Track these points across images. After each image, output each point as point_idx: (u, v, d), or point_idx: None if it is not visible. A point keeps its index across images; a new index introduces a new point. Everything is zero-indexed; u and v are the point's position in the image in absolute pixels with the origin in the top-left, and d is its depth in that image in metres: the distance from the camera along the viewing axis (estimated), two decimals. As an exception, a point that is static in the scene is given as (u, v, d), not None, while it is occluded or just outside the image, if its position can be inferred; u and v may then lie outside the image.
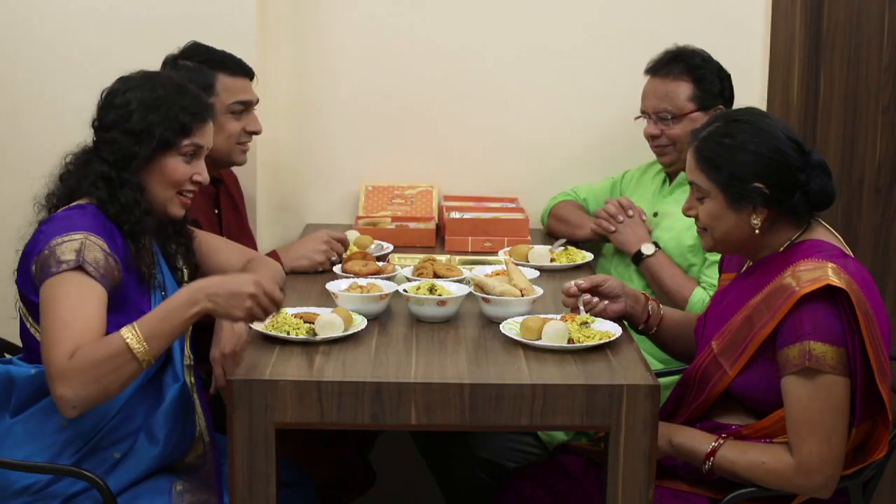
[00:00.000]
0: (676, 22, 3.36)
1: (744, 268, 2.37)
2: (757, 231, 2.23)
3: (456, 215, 3.17)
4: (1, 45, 3.17)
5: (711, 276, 2.82)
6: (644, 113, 3.06)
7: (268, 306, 2.13)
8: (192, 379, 2.34)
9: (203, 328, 2.40)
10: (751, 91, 3.38)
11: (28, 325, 2.25)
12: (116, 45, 3.12)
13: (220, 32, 2.98)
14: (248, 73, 2.87)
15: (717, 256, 2.67)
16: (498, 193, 3.44)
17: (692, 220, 2.34)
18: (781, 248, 2.26)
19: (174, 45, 2.85)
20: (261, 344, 2.21)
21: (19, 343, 2.37)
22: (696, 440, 2.21)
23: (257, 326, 2.24)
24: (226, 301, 2.11)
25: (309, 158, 3.43)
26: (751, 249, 2.31)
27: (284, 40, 3.35)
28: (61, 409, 2.06)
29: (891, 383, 2.17)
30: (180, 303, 2.11)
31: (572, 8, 3.41)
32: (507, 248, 2.94)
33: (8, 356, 2.43)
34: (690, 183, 2.30)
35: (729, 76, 3.05)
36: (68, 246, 2.14)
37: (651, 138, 3.04)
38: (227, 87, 2.80)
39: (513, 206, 3.34)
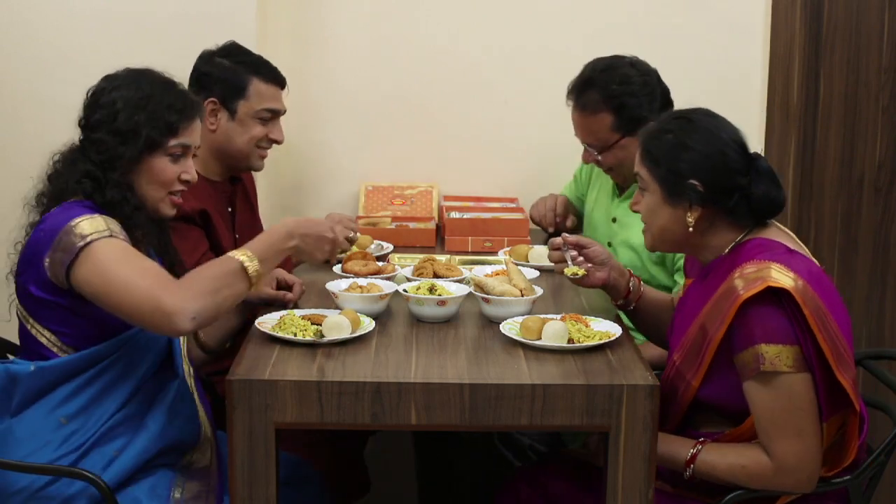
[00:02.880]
0: (676, 22, 3.37)
1: (699, 271, 2.36)
2: (691, 229, 2.23)
3: (456, 215, 3.17)
4: (1, 45, 3.17)
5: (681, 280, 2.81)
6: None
7: (343, 246, 2.37)
8: (192, 380, 2.33)
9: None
10: (751, 91, 3.38)
11: (28, 326, 2.23)
12: (117, 45, 3.12)
13: (220, 32, 2.98)
14: (281, 83, 2.90)
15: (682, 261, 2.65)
16: (498, 193, 3.45)
17: None
18: (727, 250, 2.26)
19: (174, 45, 2.85)
20: (261, 343, 2.21)
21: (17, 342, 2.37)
22: (676, 447, 2.21)
23: (264, 328, 2.23)
24: (314, 242, 2.27)
25: (309, 158, 3.43)
26: (690, 248, 2.31)
27: (284, 40, 3.35)
28: (177, 324, 2.03)
29: (854, 374, 2.16)
30: (280, 235, 2.22)
31: (572, 8, 3.41)
32: (507, 248, 2.93)
33: (10, 357, 2.41)
34: (635, 175, 2.32)
35: (655, 73, 2.88)
36: (88, 223, 2.13)
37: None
38: (259, 93, 2.83)
39: (513, 206, 3.34)
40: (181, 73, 2.55)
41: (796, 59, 3.45)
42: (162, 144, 2.25)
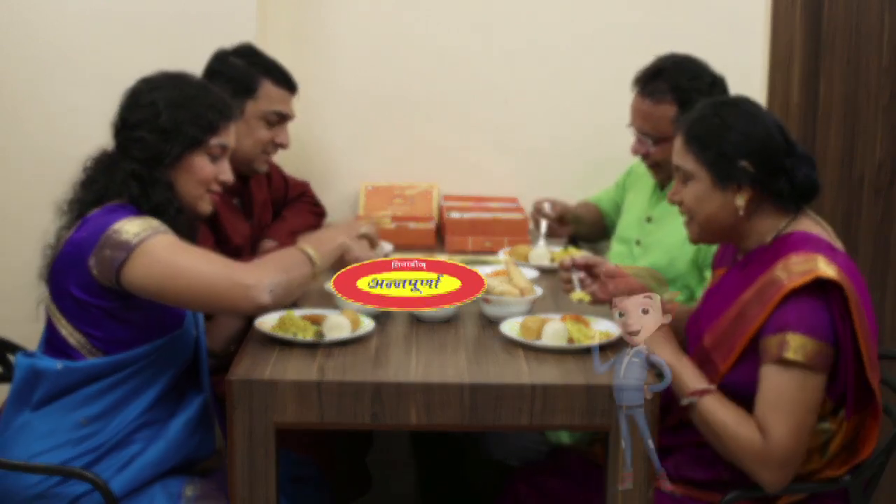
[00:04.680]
0: (677, 22, 3.37)
1: (735, 261, 2.36)
2: (741, 213, 2.22)
3: (456, 215, 3.18)
4: (1, 45, 3.17)
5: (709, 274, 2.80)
6: (632, 128, 2.94)
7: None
8: (209, 395, 2.34)
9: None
10: (751, 91, 3.34)
11: (59, 326, 2.21)
12: (117, 45, 3.12)
13: (220, 32, 2.98)
14: (292, 88, 2.89)
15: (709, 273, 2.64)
16: (498, 193, 3.45)
17: (686, 236, 2.33)
18: (769, 239, 2.25)
19: (174, 45, 2.85)
20: (261, 343, 2.21)
21: (25, 346, 2.36)
22: (690, 375, 2.16)
23: (264, 328, 2.23)
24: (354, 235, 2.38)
25: (309, 158, 3.43)
26: (736, 236, 2.29)
27: (284, 40, 3.35)
28: (255, 296, 2.10)
29: (880, 377, 2.16)
30: (327, 231, 2.39)
31: (572, 8, 3.41)
32: (507, 248, 2.94)
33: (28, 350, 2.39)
34: (676, 168, 2.29)
35: (722, 81, 2.90)
36: (136, 223, 2.14)
37: (640, 156, 2.92)
38: (269, 94, 2.82)
39: (513, 206, 3.34)
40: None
41: (796, 59, 3.45)
42: (203, 143, 2.28)
